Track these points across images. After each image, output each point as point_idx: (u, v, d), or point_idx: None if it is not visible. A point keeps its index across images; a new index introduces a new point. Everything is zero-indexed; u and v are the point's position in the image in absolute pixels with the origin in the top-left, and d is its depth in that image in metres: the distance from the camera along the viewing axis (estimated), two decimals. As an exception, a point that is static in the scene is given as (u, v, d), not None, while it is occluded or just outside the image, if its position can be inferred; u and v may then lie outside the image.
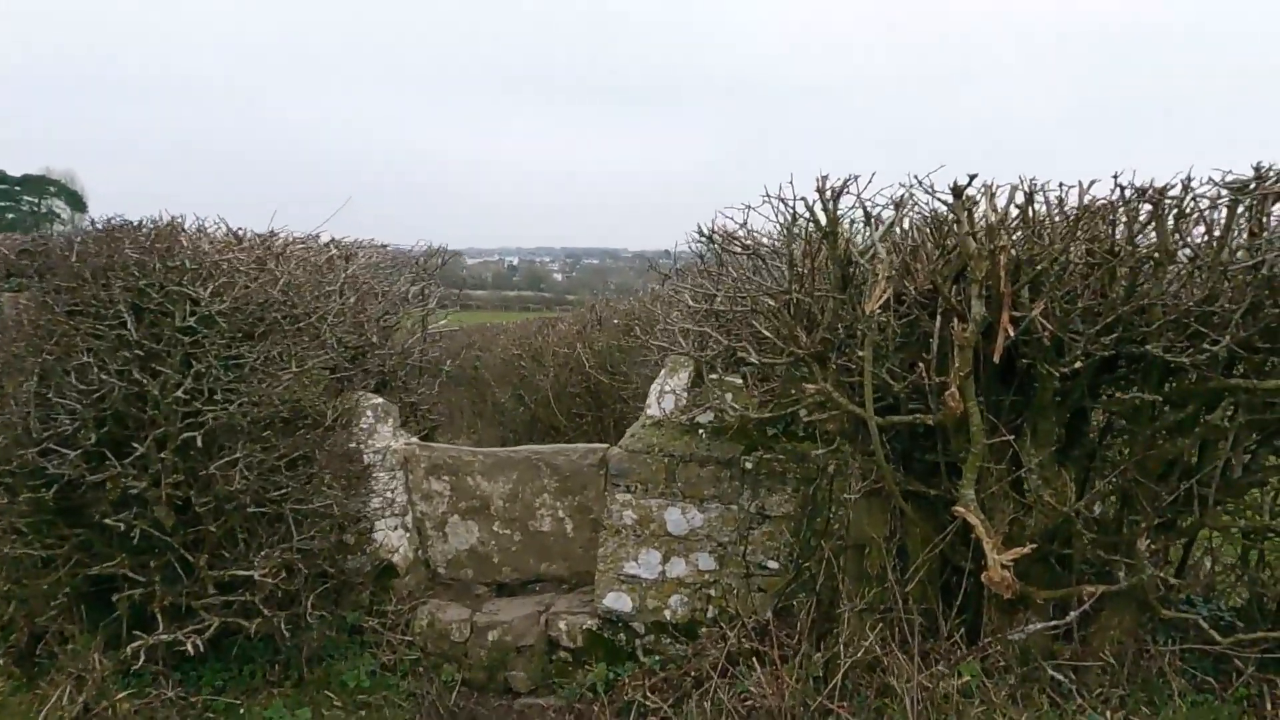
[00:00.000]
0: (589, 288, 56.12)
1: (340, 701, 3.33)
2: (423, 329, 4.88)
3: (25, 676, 3.07)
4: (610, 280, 56.83)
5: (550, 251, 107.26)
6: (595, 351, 7.27)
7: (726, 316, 3.23)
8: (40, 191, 45.77)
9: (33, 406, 2.87)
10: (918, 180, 2.63)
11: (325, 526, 3.30)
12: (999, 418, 2.71)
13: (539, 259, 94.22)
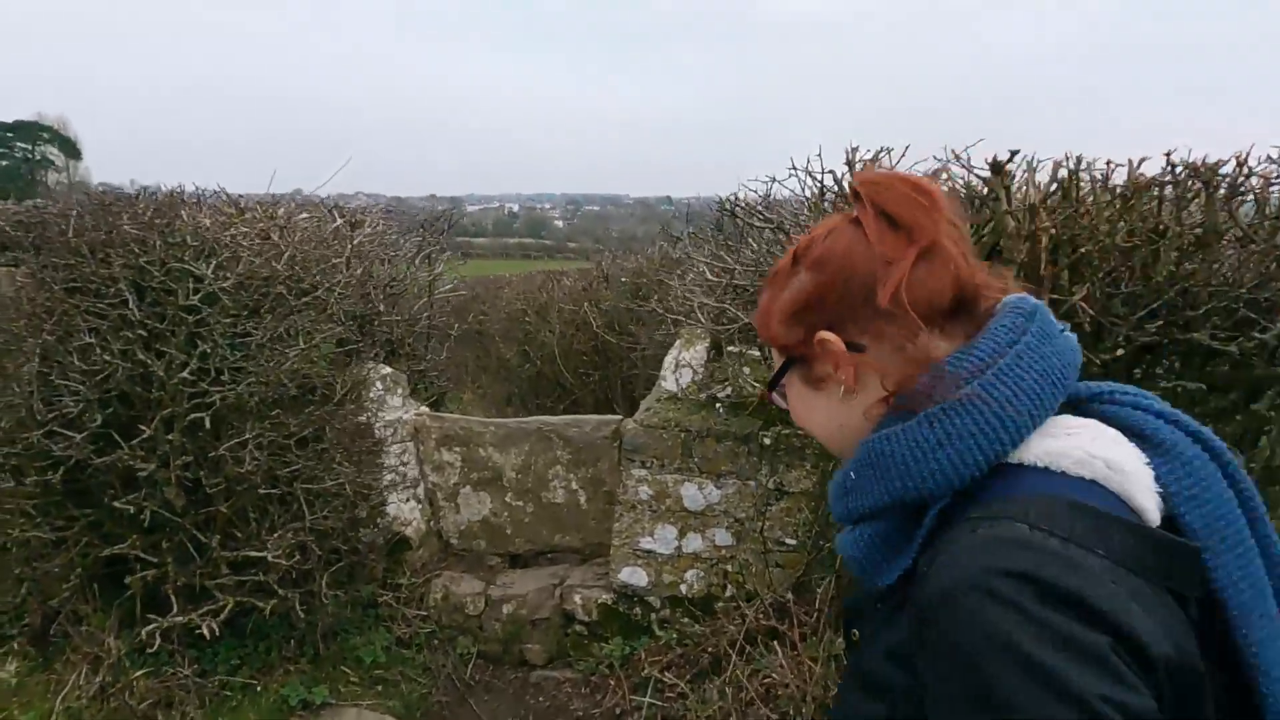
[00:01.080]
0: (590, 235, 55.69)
1: (357, 677, 3.32)
2: (429, 294, 4.77)
3: (40, 657, 3.05)
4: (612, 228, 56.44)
5: (551, 198, 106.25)
6: (602, 311, 7.16)
7: (747, 291, 3.12)
8: (33, 138, 45.05)
9: (36, 388, 2.79)
10: (954, 154, 2.49)
11: (338, 505, 3.25)
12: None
13: (540, 205, 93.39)
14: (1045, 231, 2.30)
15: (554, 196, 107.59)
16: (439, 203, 50.08)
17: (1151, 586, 0.65)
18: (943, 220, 0.78)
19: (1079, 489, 0.70)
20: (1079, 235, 2.38)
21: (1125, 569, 0.64)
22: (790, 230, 2.89)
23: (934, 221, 0.78)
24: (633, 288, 7.24)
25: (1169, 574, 0.67)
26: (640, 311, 6.09)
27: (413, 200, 42.06)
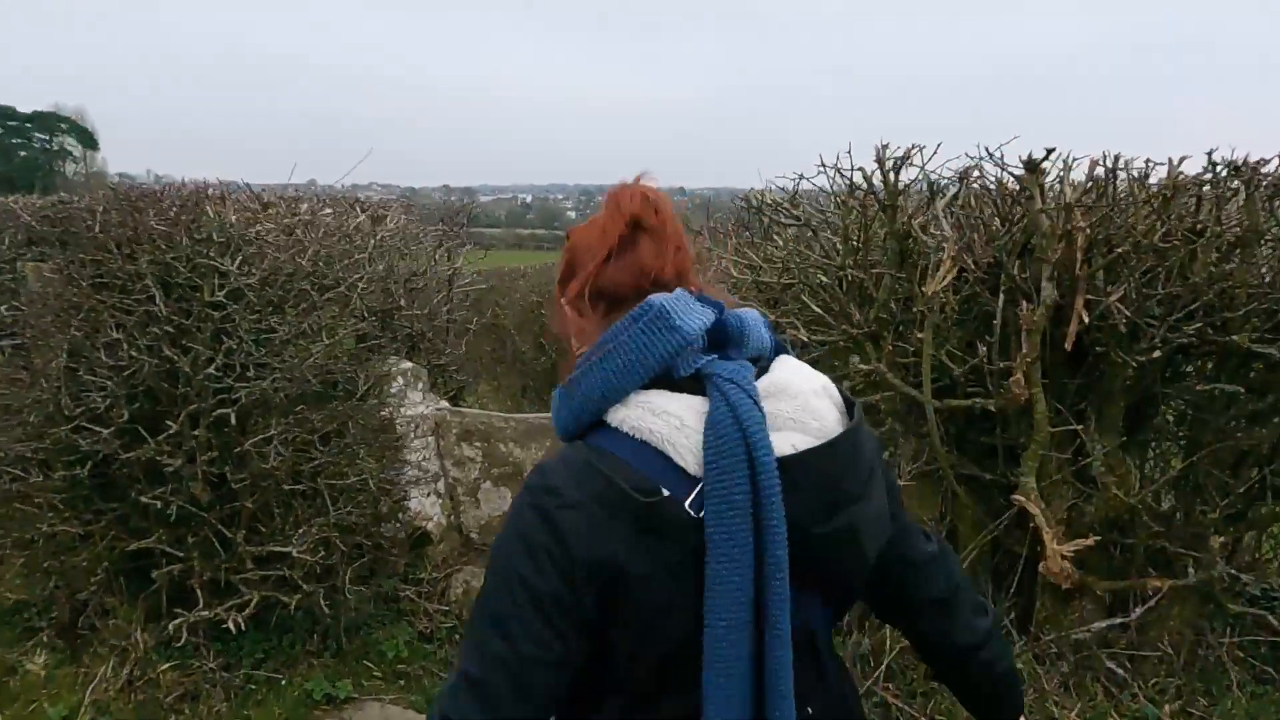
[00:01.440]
0: (603, 226, 55.54)
1: (380, 672, 3.33)
2: (449, 288, 4.77)
3: (69, 649, 3.08)
4: (625, 219, 56.28)
5: (564, 188, 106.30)
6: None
7: (773, 289, 3.10)
8: (51, 129, 45.44)
9: (64, 383, 2.80)
10: (987, 151, 2.46)
11: (361, 500, 3.26)
12: (1062, 403, 2.60)
13: (553, 196, 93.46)
14: (1080, 231, 2.27)
15: (567, 187, 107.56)
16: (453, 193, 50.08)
17: (614, 517, 0.90)
18: (669, 229, 1.05)
19: (630, 446, 0.94)
20: (1115, 235, 2.35)
21: (597, 504, 0.90)
22: (817, 228, 2.86)
23: (658, 231, 1.04)
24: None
25: (637, 515, 0.90)
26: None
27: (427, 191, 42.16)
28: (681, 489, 0.92)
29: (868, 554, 1.02)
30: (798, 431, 0.97)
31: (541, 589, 0.91)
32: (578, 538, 0.90)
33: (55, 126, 45.71)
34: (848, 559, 1.01)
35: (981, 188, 2.71)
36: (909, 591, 1.15)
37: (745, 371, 0.98)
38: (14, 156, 44.68)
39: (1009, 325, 2.60)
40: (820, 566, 0.99)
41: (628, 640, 0.94)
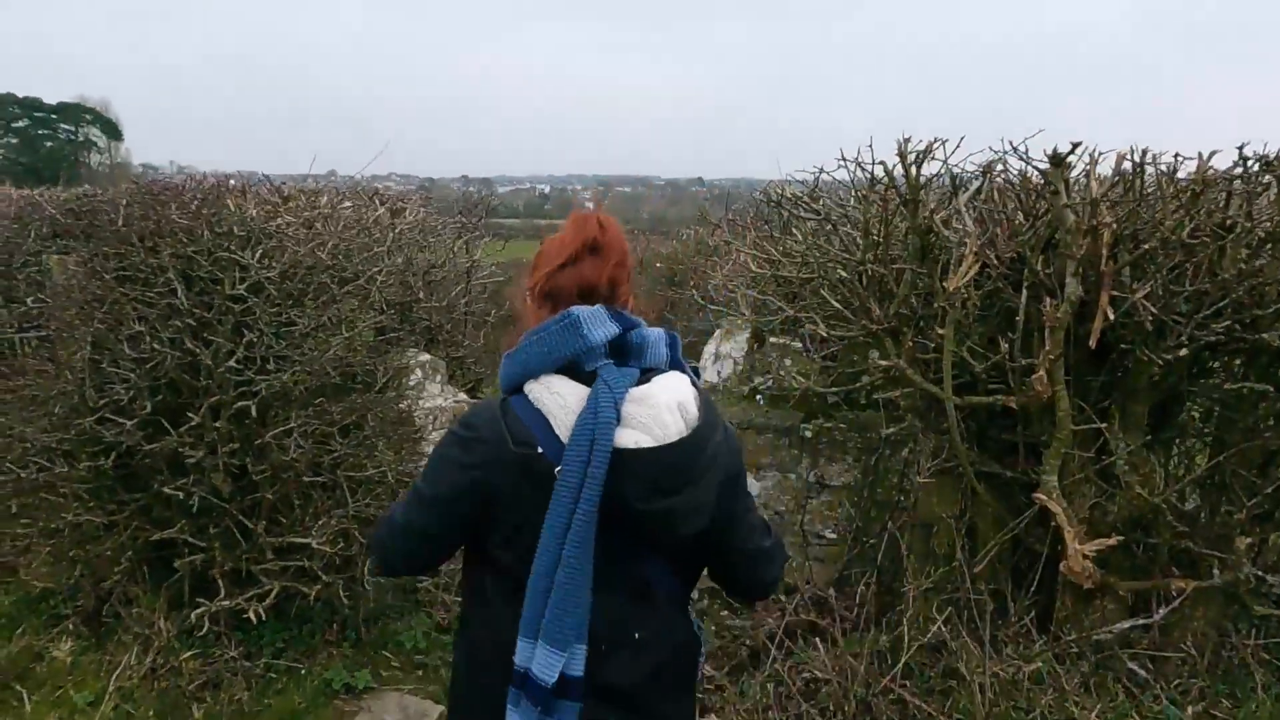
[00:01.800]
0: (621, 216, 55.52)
1: (398, 662, 3.36)
2: (468, 281, 4.78)
3: (93, 637, 3.12)
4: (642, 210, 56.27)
5: (582, 179, 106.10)
6: (637, 297, 7.13)
7: (792, 284, 3.08)
8: (76, 119, 45.91)
9: (88, 375, 2.84)
10: (1011, 146, 2.42)
11: (380, 492, 3.28)
12: (1086, 401, 2.56)
13: (570, 186, 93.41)
14: (1106, 226, 2.23)
15: (585, 178, 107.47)
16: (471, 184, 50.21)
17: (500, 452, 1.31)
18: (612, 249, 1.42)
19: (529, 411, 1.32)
20: (1142, 230, 2.31)
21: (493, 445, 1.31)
22: (837, 222, 2.83)
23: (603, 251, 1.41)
24: (668, 273, 7.20)
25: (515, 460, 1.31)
26: (677, 301, 6.07)
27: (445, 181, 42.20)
28: (552, 450, 1.30)
29: (680, 533, 1.36)
30: (643, 433, 1.29)
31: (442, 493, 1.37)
32: (476, 462, 1.34)
33: (80, 118, 46.22)
34: (662, 532, 1.37)
35: (1005, 182, 2.67)
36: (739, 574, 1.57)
37: (625, 379, 1.31)
38: (40, 147, 45.25)
39: (1031, 321, 2.56)
40: (645, 534, 1.37)
41: (497, 536, 1.37)
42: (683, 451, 1.31)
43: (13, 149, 44.95)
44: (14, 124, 45.07)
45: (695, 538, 1.40)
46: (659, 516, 1.33)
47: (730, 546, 1.49)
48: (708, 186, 74.72)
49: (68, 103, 45.98)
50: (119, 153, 48.51)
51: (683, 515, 1.34)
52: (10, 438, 2.94)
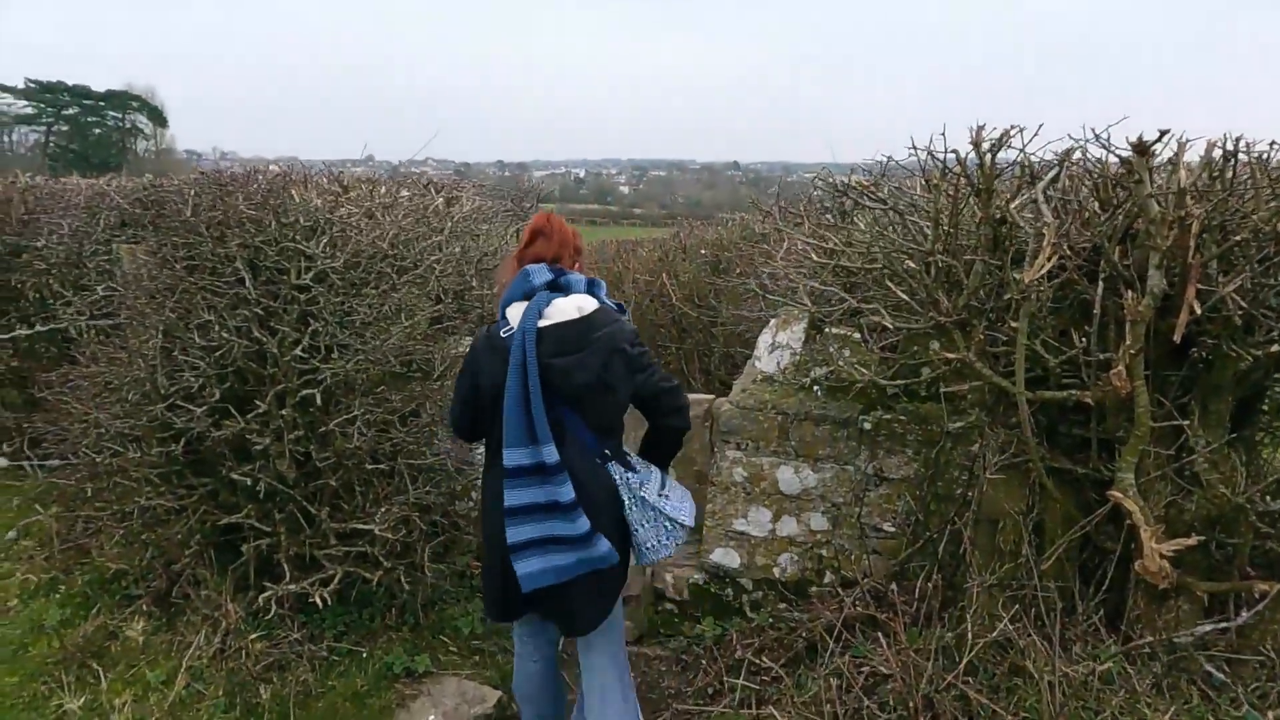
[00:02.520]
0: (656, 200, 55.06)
1: (456, 647, 3.40)
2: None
3: (164, 617, 3.21)
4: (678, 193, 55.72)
5: (617, 163, 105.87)
6: (682, 283, 7.08)
7: (852, 274, 3.03)
8: (123, 107, 46.84)
9: (159, 363, 2.89)
10: (1093, 132, 2.34)
11: (438, 479, 3.31)
12: (1165, 397, 2.49)
13: (605, 170, 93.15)
14: (1195, 217, 2.15)
15: (619, 161, 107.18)
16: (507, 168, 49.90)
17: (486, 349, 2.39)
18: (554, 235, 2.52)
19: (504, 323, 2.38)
20: (1230, 221, 2.22)
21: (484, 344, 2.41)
22: (904, 211, 2.77)
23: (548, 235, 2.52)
24: (712, 260, 7.13)
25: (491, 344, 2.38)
26: (720, 285, 6.01)
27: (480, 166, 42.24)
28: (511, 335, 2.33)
29: (574, 381, 2.32)
30: (554, 320, 2.34)
31: (463, 382, 2.46)
32: (475, 357, 2.42)
33: (127, 105, 47.16)
34: (562, 381, 2.31)
35: (1083, 170, 2.59)
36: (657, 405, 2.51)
37: (544, 299, 2.36)
38: (89, 134, 46.30)
39: (1108, 314, 2.49)
40: (552, 384, 2.31)
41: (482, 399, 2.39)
42: (573, 328, 2.35)
43: (63, 136, 46.05)
44: (64, 111, 46.13)
45: (590, 392, 2.34)
46: (558, 370, 2.31)
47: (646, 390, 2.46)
48: (743, 171, 74.13)
49: (115, 90, 46.93)
50: (164, 139, 49.45)
51: (574, 369, 2.32)
52: (85, 423, 3.02)
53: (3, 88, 44.52)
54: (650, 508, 2.44)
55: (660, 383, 2.46)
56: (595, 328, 2.34)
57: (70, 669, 3.02)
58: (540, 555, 2.32)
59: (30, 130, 46.51)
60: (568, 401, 2.33)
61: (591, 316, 2.35)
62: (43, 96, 45.34)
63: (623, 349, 2.35)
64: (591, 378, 2.31)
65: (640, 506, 2.44)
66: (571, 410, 2.35)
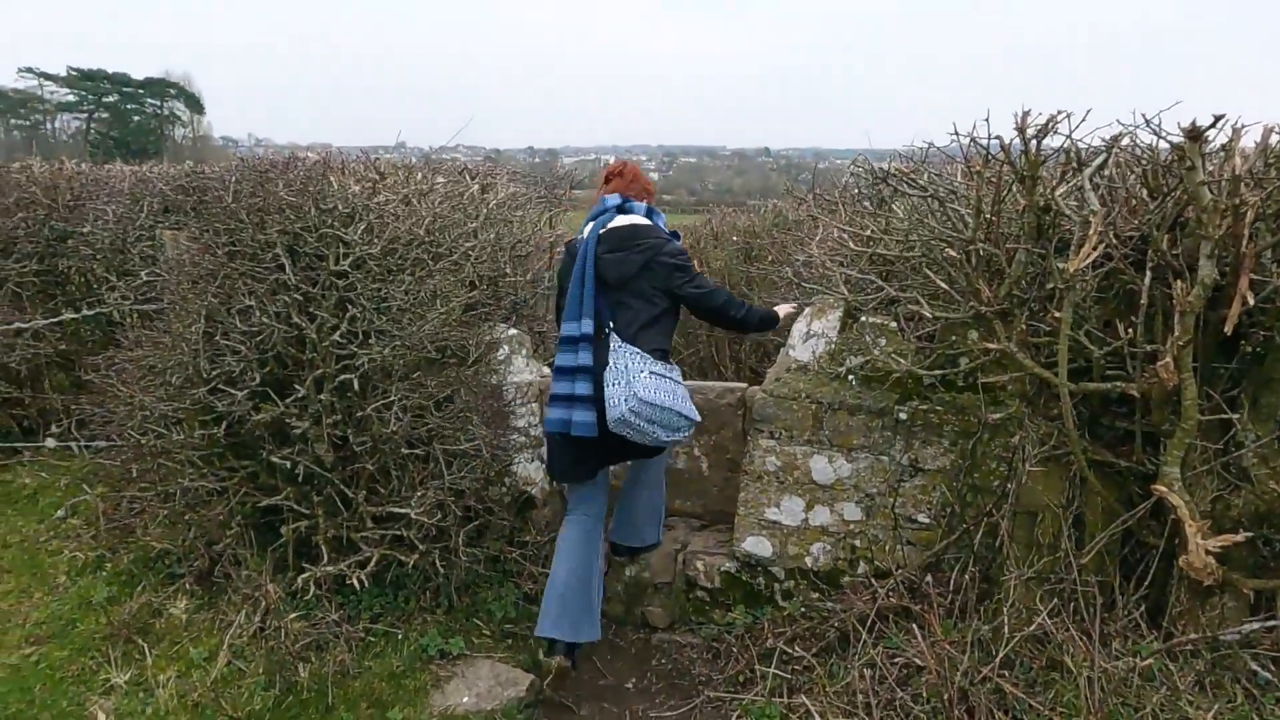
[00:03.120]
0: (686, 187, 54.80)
1: (489, 630, 3.44)
2: (550, 255, 4.79)
3: (206, 596, 3.28)
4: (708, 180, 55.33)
5: (646, 149, 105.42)
6: (713, 270, 7.05)
7: (889, 261, 2.99)
8: (161, 94, 47.57)
9: (202, 347, 2.94)
10: (1144, 118, 2.28)
11: (474, 465, 3.34)
12: (1213, 389, 2.43)
13: (636, 156, 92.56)
14: (1250, 205, 2.09)
15: (649, 148, 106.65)
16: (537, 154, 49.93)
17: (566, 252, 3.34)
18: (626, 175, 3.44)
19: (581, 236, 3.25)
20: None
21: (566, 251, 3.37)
22: (944, 199, 2.73)
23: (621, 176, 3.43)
24: (744, 247, 7.08)
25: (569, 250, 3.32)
26: (751, 272, 5.97)
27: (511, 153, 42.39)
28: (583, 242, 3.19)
29: (622, 273, 3.11)
30: (611, 226, 3.16)
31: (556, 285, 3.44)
32: (562, 265, 3.34)
33: (165, 92, 47.91)
34: (610, 272, 3.11)
35: (1131, 156, 2.53)
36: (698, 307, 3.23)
37: (610, 216, 3.20)
38: (128, 121, 47.13)
39: (1155, 304, 2.43)
40: (607, 274, 3.11)
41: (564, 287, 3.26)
42: (625, 231, 3.14)
43: (103, 123, 46.91)
44: (105, 99, 46.97)
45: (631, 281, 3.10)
46: (608, 263, 3.11)
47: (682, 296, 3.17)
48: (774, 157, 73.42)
49: (154, 78, 47.68)
50: (201, 126, 50.19)
51: (621, 263, 3.09)
52: (130, 405, 3.08)
53: (46, 75, 45.45)
54: (624, 373, 2.99)
55: (692, 289, 3.13)
56: (642, 235, 3.12)
57: (117, 644, 3.11)
58: (564, 408, 3.07)
59: (72, 117, 47.47)
60: (614, 290, 3.11)
61: (640, 227, 3.14)
62: (84, 84, 46.21)
63: (663, 258, 3.09)
64: (634, 270, 3.07)
65: (615, 370, 2.99)
66: (616, 300, 3.11)
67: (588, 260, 3.06)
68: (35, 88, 45.77)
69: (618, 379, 2.98)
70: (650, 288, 3.08)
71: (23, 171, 4.83)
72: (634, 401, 2.94)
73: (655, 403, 2.96)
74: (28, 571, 3.62)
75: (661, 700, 3.31)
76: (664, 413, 2.99)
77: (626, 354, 3.02)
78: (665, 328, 3.18)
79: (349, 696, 2.96)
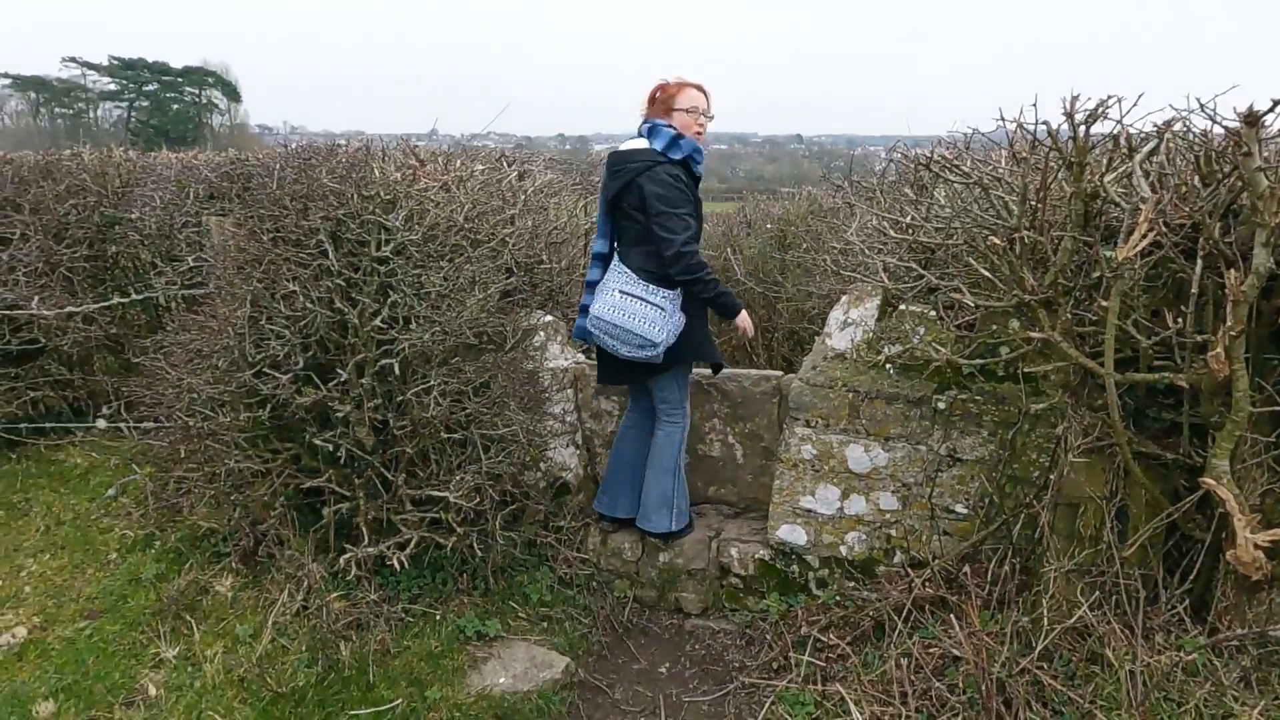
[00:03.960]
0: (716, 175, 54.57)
1: (524, 613, 3.48)
2: (586, 242, 4.80)
3: (251, 574, 3.36)
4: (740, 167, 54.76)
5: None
6: (746, 258, 7.02)
7: (931, 250, 2.95)
8: (200, 83, 48.30)
9: (248, 331, 3.00)
10: (1198, 102, 2.23)
11: (510, 451, 3.37)
12: (1265, 381, 2.38)
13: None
14: (1310, 193, 2.04)
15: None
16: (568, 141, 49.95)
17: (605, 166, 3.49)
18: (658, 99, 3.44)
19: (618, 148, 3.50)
20: (1348, 196, 2.09)
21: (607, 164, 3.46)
22: (988, 185, 2.69)
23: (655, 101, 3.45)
24: (779, 235, 7.04)
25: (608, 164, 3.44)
26: (785, 260, 5.93)
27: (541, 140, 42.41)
28: None
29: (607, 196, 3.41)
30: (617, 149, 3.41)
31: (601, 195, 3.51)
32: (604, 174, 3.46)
33: (203, 81, 48.65)
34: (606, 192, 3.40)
35: (1184, 142, 2.47)
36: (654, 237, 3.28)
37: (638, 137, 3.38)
38: (168, 109, 47.96)
39: (1206, 294, 2.38)
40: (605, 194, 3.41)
41: None
42: (618, 156, 3.36)
43: (143, 111, 47.77)
44: (145, 88, 47.81)
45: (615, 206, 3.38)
46: (605, 184, 3.39)
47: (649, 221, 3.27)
48: (806, 144, 72.63)
49: (192, 66, 48.40)
50: (238, 114, 50.90)
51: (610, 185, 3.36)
52: (178, 388, 3.16)
53: (89, 65, 46.37)
54: (603, 290, 3.34)
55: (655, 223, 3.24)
56: (631, 158, 3.29)
57: (166, 620, 3.20)
58: (584, 317, 3.45)
59: (114, 105, 48.40)
60: (615, 211, 3.39)
61: (633, 151, 3.31)
62: (125, 73, 47.08)
63: (642, 181, 3.24)
64: (618, 190, 3.31)
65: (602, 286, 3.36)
66: (616, 221, 3.42)
67: (602, 184, 3.44)
68: (78, 77, 46.74)
69: (599, 294, 3.36)
70: (631, 209, 3.31)
71: (74, 159, 4.95)
72: (591, 316, 3.35)
73: (608, 320, 3.29)
74: (80, 548, 3.74)
75: (695, 685, 3.33)
76: (619, 330, 3.28)
77: (614, 272, 3.36)
78: (653, 248, 3.32)
79: (389, 675, 3.02)
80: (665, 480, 3.61)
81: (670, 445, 3.60)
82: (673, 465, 3.62)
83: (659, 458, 3.62)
